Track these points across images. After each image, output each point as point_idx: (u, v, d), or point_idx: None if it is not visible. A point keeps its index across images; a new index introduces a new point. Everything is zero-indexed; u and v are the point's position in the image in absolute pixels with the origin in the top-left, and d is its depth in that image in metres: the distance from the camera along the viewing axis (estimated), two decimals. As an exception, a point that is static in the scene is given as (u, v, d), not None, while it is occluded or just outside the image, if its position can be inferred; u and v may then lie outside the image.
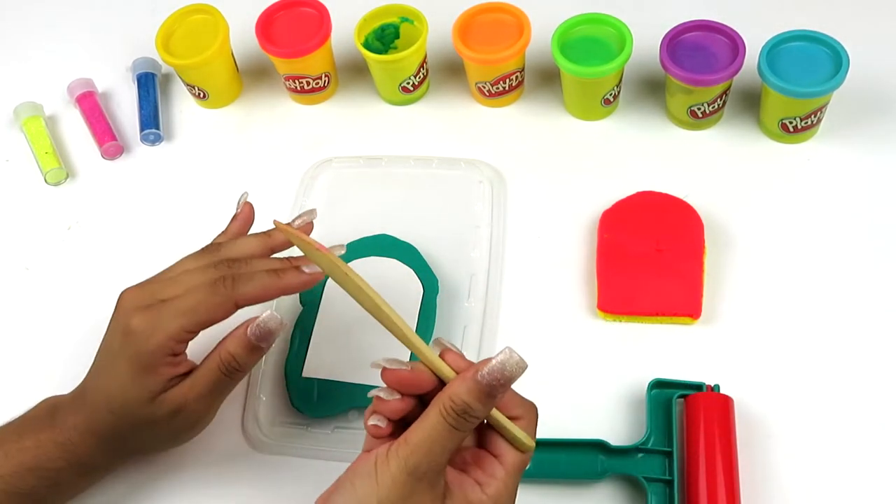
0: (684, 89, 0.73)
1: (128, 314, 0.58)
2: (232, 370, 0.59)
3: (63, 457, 0.59)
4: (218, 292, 0.58)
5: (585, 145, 0.78)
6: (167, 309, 0.58)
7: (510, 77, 0.78)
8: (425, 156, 0.78)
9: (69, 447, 0.59)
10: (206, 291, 0.58)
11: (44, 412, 0.61)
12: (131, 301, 0.59)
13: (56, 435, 0.59)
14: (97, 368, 0.60)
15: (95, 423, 0.59)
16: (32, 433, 0.59)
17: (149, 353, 0.57)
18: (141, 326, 0.57)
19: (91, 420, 0.59)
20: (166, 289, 0.59)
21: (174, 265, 0.62)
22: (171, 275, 0.61)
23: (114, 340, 0.59)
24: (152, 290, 0.59)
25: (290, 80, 0.82)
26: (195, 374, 0.59)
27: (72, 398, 0.61)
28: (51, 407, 0.61)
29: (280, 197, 0.77)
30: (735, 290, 0.68)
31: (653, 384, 0.63)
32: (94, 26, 0.93)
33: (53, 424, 0.59)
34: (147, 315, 0.58)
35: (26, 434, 0.59)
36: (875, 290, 0.67)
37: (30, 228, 0.79)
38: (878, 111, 0.76)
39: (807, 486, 0.60)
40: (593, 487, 0.62)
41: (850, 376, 0.64)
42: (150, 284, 0.60)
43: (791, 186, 0.73)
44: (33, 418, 0.61)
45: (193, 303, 0.58)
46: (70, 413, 0.60)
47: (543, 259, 0.72)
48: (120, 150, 0.83)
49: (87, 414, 0.59)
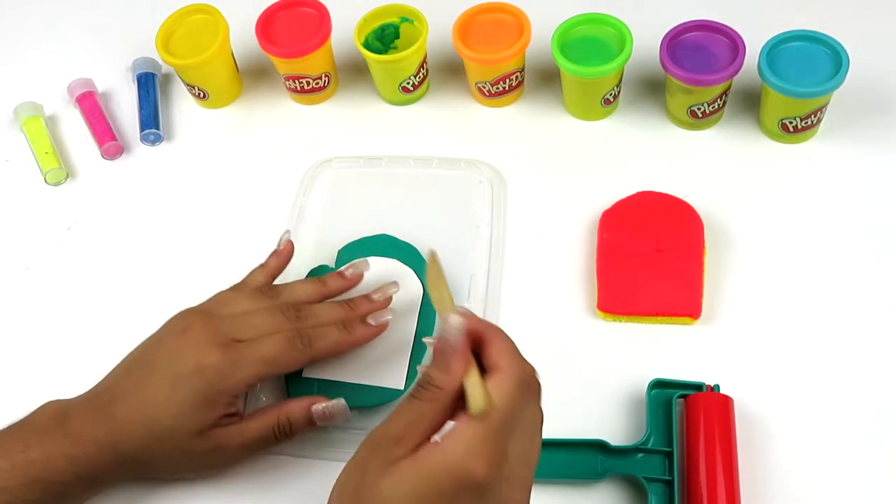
0: (684, 89, 0.73)
1: (203, 349, 0.59)
2: (283, 434, 0.61)
3: (72, 470, 0.57)
4: (296, 348, 0.61)
5: (585, 145, 0.78)
6: (247, 353, 0.60)
7: (510, 77, 0.78)
8: (425, 156, 0.78)
9: (82, 460, 0.58)
10: (285, 345, 0.60)
11: (51, 420, 0.59)
12: (204, 335, 0.60)
13: (67, 447, 0.58)
14: (135, 385, 0.60)
15: (123, 441, 0.58)
16: (39, 443, 0.57)
17: (220, 391, 0.58)
18: (219, 365, 0.58)
19: (117, 435, 0.58)
20: (238, 330, 0.61)
21: (226, 300, 0.64)
22: (231, 311, 0.62)
23: (172, 365, 0.59)
24: (221, 326, 0.61)
25: (290, 80, 0.82)
26: (248, 423, 0.60)
27: (87, 407, 0.60)
28: (58, 414, 0.59)
29: (280, 197, 0.77)
30: (735, 290, 0.68)
31: (653, 384, 0.63)
32: (94, 26, 0.93)
33: (65, 435, 0.58)
34: (226, 355, 0.59)
35: (33, 444, 0.57)
36: (875, 290, 0.67)
37: (30, 228, 0.79)
38: (878, 111, 0.76)
39: (807, 486, 0.60)
40: (593, 487, 0.62)
41: (850, 376, 0.64)
42: (218, 320, 0.61)
43: (791, 186, 0.73)
44: (40, 426, 0.59)
45: (273, 354, 0.60)
46: (86, 424, 0.58)
47: (543, 259, 0.72)
48: (120, 150, 0.83)
49: (113, 429, 0.58)
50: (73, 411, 0.60)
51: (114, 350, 0.64)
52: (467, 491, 0.47)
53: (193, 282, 0.73)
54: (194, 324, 0.61)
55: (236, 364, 0.59)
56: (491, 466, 0.47)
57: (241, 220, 0.77)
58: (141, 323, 0.67)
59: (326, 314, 0.64)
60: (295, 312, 0.63)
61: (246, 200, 0.78)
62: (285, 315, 0.62)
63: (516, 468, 0.48)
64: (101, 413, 0.59)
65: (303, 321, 0.62)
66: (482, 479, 0.46)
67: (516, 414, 0.49)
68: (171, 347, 0.60)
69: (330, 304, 0.65)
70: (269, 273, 0.68)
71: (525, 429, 0.49)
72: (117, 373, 0.62)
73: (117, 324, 0.72)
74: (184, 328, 0.61)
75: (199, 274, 0.74)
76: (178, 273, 0.75)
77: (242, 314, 0.62)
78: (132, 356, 0.63)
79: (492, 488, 0.47)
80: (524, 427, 0.49)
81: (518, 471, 0.49)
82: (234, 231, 0.76)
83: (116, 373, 0.62)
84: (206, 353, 0.59)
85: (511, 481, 0.48)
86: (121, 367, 0.62)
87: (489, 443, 0.47)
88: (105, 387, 0.61)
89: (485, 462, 0.47)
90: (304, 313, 0.63)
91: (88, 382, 0.62)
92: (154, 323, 0.64)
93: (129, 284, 0.75)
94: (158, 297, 0.73)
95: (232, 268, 0.69)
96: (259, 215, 0.77)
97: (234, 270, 0.68)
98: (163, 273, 0.75)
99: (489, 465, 0.47)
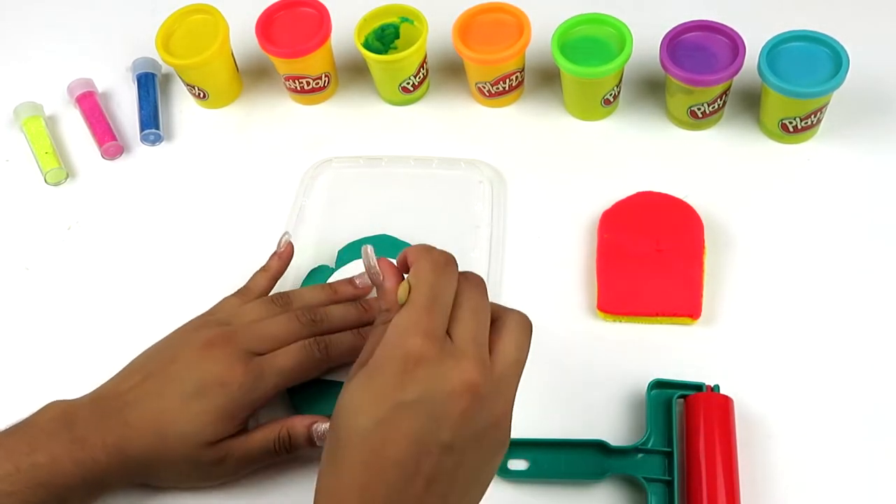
0: (684, 89, 0.73)
1: (225, 365, 0.59)
2: (283, 449, 0.60)
3: (79, 474, 0.57)
4: (314, 357, 0.61)
5: (585, 145, 0.78)
6: (267, 367, 0.60)
7: (510, 77, 0.78)
8: (425, 156, 0.78)
9: (89, 464, 0.57)
10: (304, 354, 0.61)
11: (57, 422, 0.58)
12: (225, 350, 0.60)
13: (75, 451, 0.57)
14: (152, 394, 0.59)
15: (132, 446, 0.58)
16: (46, 447, 0.57)
17: (242, 406, 0.59)
18: (241, 381, 0.59)
19: (128, 441, 0.58)
20: (257, 342, 0.61)
21: (238, 308, 0.64)
22: (246, 321, 0.62)
23: (193, 379, 0.59)
24: (240, 340, 0.61)
25: (290, 81, 0.82)
26: (252, 435, 0.60)
27: (95, 411, 0.59)
28: (64, 416, 0.59)
29: (280, 197, 0.77)
30: (735, 291, 0.68)
31: (653, 384, 0.63)
32: (94, 26, 0.93)
33: (72, 439, 0.57)
34: (249, 371, 0.59)
35: (39, 447, 0.57)
36: (875, 290, 0.67)
37: (30, 228, 0.79)
38: (878, 111, 0.76)
39: (807, 486, 0.60)
40: (593, 488, 0.62)
41: (850, 376, 0.64)
42: (236, 334, 0.61)
43: (791, 186, 0.73)
44: (44, 429, 0.58)
45: (292, 364, 0.61)
46: (95, 428, 0.58)
47: (543, 259, 0.72)
48: (120, 150, 0.83)
49: (124, 435, 0.58)
50: (80, 414, 0.59)
51: (114, 350, 0.64)
52: (413, 367, 0.47)
53: (194, 282, 0.73)
54: (215, 339, 0.60)
55: (259, 379, 0.60)
56: (426, 337, 0.47)
57: (241, 220, 0.77)
58: (141, 323, 0.68)
59: (341, 318, 0.64)
60: (310, 317, 0.63)
61: (246, 201, 0.78)
62: (300, 321, 0.62)
63: (461, 345, 0.48)
64: (112, 418, 0.58)
65: (318, 326, 0.63)
66: (419, 350, 0.47)
67: (437, 290, 0.50)
68: (191, 360, 0.60)
69: (344, 307, 0.65)
70: (271, 276, 0.68)
71: (463, 307, 0.50)
72: (127, 378, 0.61)
73: (117, 324, 0.72)
74: (204, 343, 0.60)
75: (200, 274, 0.74)
76: (179, 273, 0.75)
77: (258, 324, 0.62)
78: (143, 364, 0.62)
79: (437, 362, 0.47)
80: (463, 305, 0.50)
81: (464, 347, 0.48)
82: (234, 231, 0.76)
83: (126, 378, 0.61)
84: (229, 369, 0.59)
85: (457, 357, 0.48)
86: (130, 373, 0.62)
87: (417, 317, 0.48)
88: (114, 392, 0.60)
89: (417, 334, 0.48)
90: (319, 317, 0.63)
91: (88, 381, 0.62)
92: (154, 323, 0.64)
93: (129, 285, 0.75)
94: (159, 297, 0.73)
95: (232, 268, 0.69)
96: (259, 215, 0.77)
97: (235, 270, 0.68)
98: (163, 273, 0.75)
99: (423, 336, 0.47)
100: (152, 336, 0.64)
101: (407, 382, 0.47)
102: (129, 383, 0.60)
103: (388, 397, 0.47)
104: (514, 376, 0.50)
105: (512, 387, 0.50)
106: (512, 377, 0.50)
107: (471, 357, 0.48)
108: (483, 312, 0.51)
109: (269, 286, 0.67)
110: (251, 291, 0.67)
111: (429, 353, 0.47)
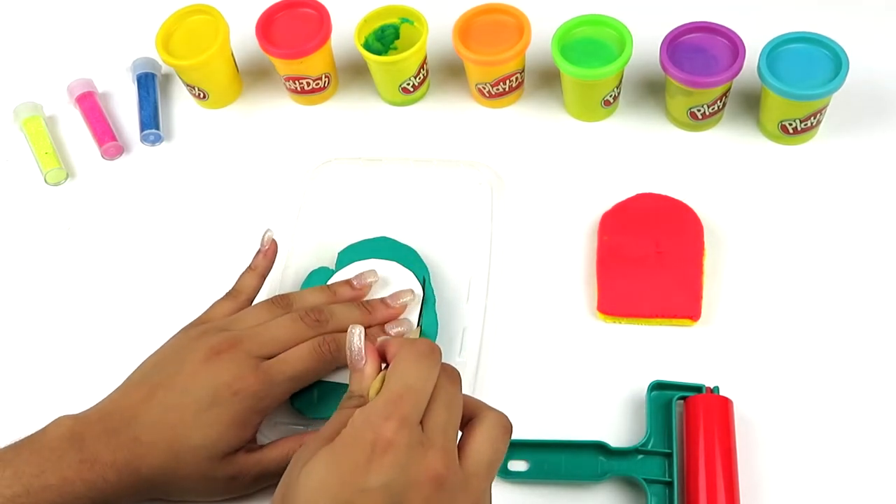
0: (684, 91, 0.73)
1: (235, 373, 0.58)
2: None
3: (89, 495, 0.56)
4: (324, 358, 0.61)
5: (585, 147, 0.78)
6: (277, 371, 0.60)
7: (510, 78, 0.78)
8: (425, 157, 0.78)
9: (100, 485, 0.56)
10: (312, 355, 0.61)
11: (65, 442, 0.57)
12: (234, 358, 0.59)
13: (84, 472, 0.56)
14: (159, 407, 0.58)
15: (146, 464, 0.57)
16: (55, 468, 0.55)
17: (255, 412, 0.59)
18: (253, 388, 0.58)
19: (140, 458, 0.57)
20: (264, 347, 0.60)
21: (221, 310, 0.64)
22: (249, 325, 0.62)
23: (204, 390, 0.58)
24: (247, 346, 0.60)
25: (290, 81, 0.82)
26: (267, 452, 0.60)
27: (103, 429, 0.57)
28: (73, 435, 0.57)
29: (280, 197, 0.77)
30: (735, 292, 0.68)
31: (653, 386, 0.63)
32: (94, 26, 0.92)
33: (81, 459, 0.56)
34: (259, 378, 0.59)
35: (48, 468, 0.55)
36: (875, 292, 0.68)
37: (30, 228, 0.79)
38: (878, 113, 0.76)
39: (806, 487, 0.60)
40: (593, 489, 0.62)
41: (849, 378, 0.64)
42: (242, 340, 0.60)
43: (791, 188, 0.74)
44: (53, 449, 0.56)
45: (302, 368, 0.60)
46: (105, 448, 0.57)
47: (543, 261, 0.72)
48: (120, 151, 0.83)
49: (135, 453, 0.57)
50: (89, 432, 0.57)
51: (114, 351, 0.64)
52: (381, 453, 0.46)
53: (193, 282, 0.73)
54: (220, 345, 0.60)
55: (270, 384, 0.59)
56: (399, 424, 0.47)
57: (240, 220, 0.77)
58: (142, 323, 0.68)
59: (345, 317, 0.63)
60: (315, 317, 0.62)
61: (246, 201, 0.78)
62: (305, 321, 0.62)
63: (432, 434, 0.48)
64: (122, 435, 0.57)
65: (324, 325, 0.62)
66: (390, 436, 0.46)
67: (412, 381, 0.49)
68: (199, 370, 0.59)
69: (348, 307, 0.64)
70: (258, 274, 0.67)
71: (438, 400, 0.49)
72: (132, 392, 0.60)
73: (118, 324, 0.72)
74: (209, 350, 0.59)
75: (199, 274, 0.74)
76: (178, 273, 0.75)
77: (262, 327, 0.61)
78: (147, 376, 0.60)
79: (406, 449, 0.47)
80: (438, 398, 0.49)
81: (433, 437, 0.48)
82: (233, 231, 0.76)
83: (131, 391, 0.60)
84: (239, 376, 0.58)
85: (426, 446, 0.47)
86: (134, 385, 0.60)
87: (389, 407, 0.48)
88: (119, 406, 0.59)
89: (391, 419, 0.47)
90: (324, 316, 0.63)
91: (87, 383, 0.62)
92: (154, 323, 0.64)
93: (129, 285, 0.75)
94: (158, 297, 0.73)
95: (232, 268, 0.69)
96: (259, 215, 0.77)
97: (235, 270, 0.68)
98: (163, 273, 0.75)
99: (396, 422, 0.47)
100: (152, 336, 0.64)
101: (374, 468, 0.46)
102: (136, 397, 0.59)
103: (353, 481, 0.46)
104: (486, 474, 0.49)
105: (482, 484, 0.49)
106: (484, 475, 0.49)
107: (439, 448, 0.47)
108: (456, 406, 0.50)
109: (257, 285, 0.67)
110: (240, 292, 0.66)
111: (399, 440, 0.46)
